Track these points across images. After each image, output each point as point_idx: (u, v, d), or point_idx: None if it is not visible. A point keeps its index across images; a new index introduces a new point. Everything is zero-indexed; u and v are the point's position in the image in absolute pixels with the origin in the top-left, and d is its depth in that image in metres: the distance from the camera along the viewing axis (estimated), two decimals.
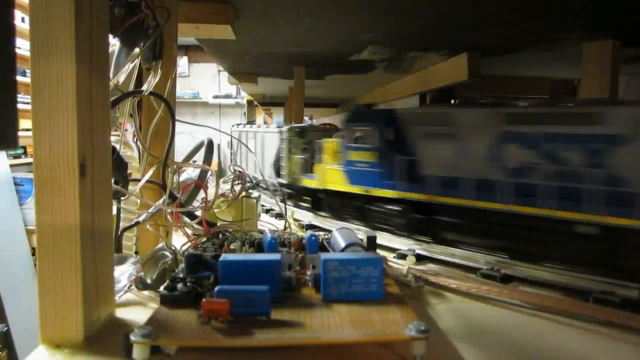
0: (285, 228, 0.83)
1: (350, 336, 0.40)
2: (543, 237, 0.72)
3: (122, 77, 0.61)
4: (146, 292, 0.55)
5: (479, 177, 0.78)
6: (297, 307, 0.45)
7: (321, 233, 0.67)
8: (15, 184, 2.26)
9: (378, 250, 0.71)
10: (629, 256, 0.64)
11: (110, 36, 0.54)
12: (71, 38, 0.41)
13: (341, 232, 0.61)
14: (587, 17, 1.16)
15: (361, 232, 0.67)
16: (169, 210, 0.66)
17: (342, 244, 0.56)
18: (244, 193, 0.81)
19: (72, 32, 0.41)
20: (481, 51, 1.53)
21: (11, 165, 2.35)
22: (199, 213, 0.69)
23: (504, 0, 1.05)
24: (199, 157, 0.81)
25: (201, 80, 6.47)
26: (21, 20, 2.30)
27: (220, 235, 0.67)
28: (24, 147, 2.88)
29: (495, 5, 1.08)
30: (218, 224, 0.76)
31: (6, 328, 1.87)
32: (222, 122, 6.36)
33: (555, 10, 1.11)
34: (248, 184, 0.88)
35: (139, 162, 0.72)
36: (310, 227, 1.06)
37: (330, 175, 1.05)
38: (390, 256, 0.81)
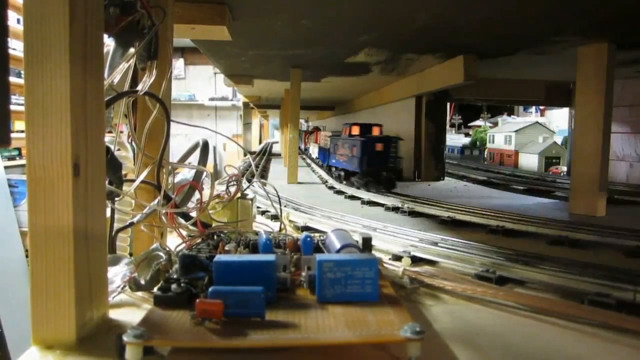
0: (280, 229, 0.83)
1: (345, 337, 0.39)
2: None
3: (117, 77, 0.61)
4: (140, 293, 0.55)
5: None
6: (292, 308, 0.45)
7: (316, 234, 0.67)
8: (10, 185, 2.25)
9: (373, 252, 0.71)
10: None
11: (105, 36, 0.53)
12: (65, 38, 0.41)
13: (336, 234, 0.61)
14: (583, 21, 1.17)
15: (356, 234, 0.67)
16: (164, 211, 0.66)
17: (338, 245, 0.56)
18: (239, 194, 0.81)
19: (66, 32, 0.41)
20: (477, 54, 1.54)
21: (6, 167, 2.34)
22: (193, 214, 0.69)
23: (500, 3, 1.05)
24: (195, 158, 0.80)
25: (197, 82, 6.47)
26: (17, 22, 2.30)
27: (215, 237, 0.66)
28: (19, 149, 2.87)
29: (491, 8, 1.09)
30: (213, 225, 0.76)
31: (0, 330, 1.85)
32: (218, 124, 6.35)
33: (551, 14, 1.11)
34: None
35: (134, 163, 0.72)
36: (306, 228, 1.06)
37: None
38: (385, 257, 0.81)
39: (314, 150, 3.27)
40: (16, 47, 2.39)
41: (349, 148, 1.95)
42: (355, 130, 2.00)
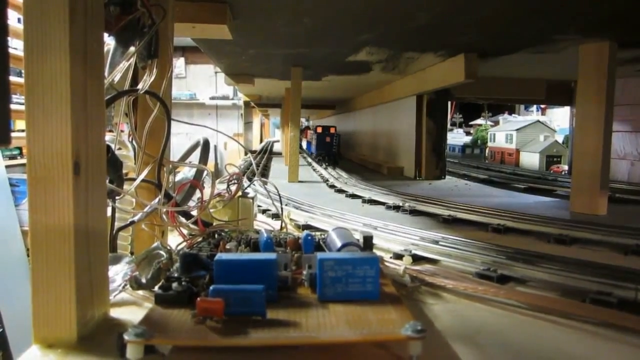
0: (281, 228, 0.83)
1: (346, 336, 0.39)
2: None
3: (117, 76, 0.61)
4: (141, 292, 0.55)
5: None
6: (293, 306, 0.45)
7: (317, 233, 0.67)
8: (11, 184, 2.25)
9: (374, 250, 0.71)
10: None
11: (105, 34, 0.53)
12: (65, 36, 0.41)
13: (337, 232, 0.61)
14: (585, 19, 1.17)
15: (357, 232, 0.67)
16: (165, 210, 0.66)
17: (339, 244, 0.56)
18: (240, 193, 0.81)
19: (67, 31, 0.41)
20: (478, 52, 1.53)
21: (7, 166, 2.34)
22: (194, 213, 0.69)
23: (501, 2, 1.05)
24: (196, 157, 0.80)
25: (198, 81, 6.47)
26: (17, 21, 2.30)
27: (216, 235, 0.66)
28: (20, 148, 2.87)
29: (492, 7, 1.08)
30: (214, 224, 0.76)
31: (1, 329, 1.86)
32: (218, 123, 6.35)
33: (552, 12, 1.11)
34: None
35: (135, 162, 0.72)
36: (307, 227, 1.06)
37: None
38: (386, 256, 0.81)
39: (304, 144, 4.48)
40: (17, 46, 2.40)
41: (315, 140, 3.29)
42: (320, 130, 3.22)
